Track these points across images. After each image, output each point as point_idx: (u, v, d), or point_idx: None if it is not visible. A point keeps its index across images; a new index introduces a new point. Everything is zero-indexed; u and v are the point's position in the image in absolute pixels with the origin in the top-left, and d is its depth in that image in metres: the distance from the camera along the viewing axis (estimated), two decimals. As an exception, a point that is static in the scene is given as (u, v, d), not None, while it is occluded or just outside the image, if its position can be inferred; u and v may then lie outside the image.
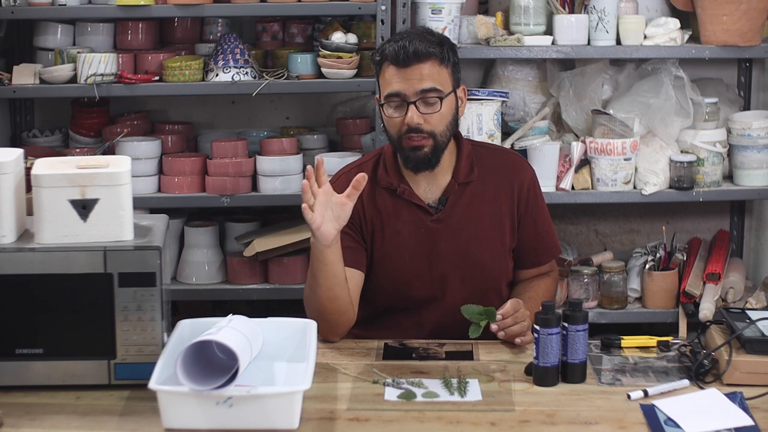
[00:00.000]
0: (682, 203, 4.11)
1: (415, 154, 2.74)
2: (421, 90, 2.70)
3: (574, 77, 3.83)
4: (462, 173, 2.82)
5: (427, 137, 2.72)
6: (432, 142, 2.73)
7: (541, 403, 2.31)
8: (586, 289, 3.83)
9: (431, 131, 2.72)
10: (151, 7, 3.66)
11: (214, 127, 4.17)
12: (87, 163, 2.36)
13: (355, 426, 2.20)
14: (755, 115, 3.88)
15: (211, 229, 3.86)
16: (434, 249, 2.80)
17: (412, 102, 2.70)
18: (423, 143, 2.72)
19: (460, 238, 2.80)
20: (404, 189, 2.81)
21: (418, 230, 2.81)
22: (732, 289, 3.79)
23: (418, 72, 2.70)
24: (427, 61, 2.70)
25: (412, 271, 2.81)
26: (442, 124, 2.73)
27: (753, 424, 2.20)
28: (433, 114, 2.71)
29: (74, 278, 2.29)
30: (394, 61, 2.71)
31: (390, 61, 2.72)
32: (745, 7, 3.64)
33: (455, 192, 2.82)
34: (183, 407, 2.13)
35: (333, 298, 2.64)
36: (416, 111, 2.70)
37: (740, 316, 2.55)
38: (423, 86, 2.70)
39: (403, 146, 2.75)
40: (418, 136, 2.71)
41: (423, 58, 2.70)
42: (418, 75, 2.70)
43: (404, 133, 2.72)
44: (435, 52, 2.71)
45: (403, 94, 2.71)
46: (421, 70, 2.70)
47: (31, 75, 3.71)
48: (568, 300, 3.01)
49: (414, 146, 2.72)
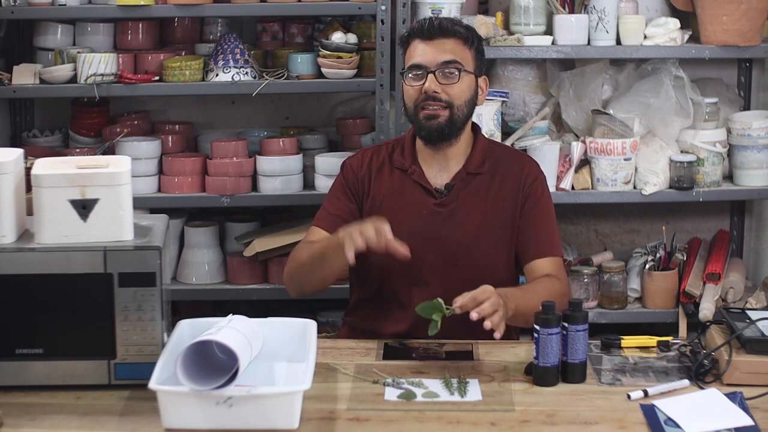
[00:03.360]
0: (682, 203, 4.11)
1: (430, 122, 2.76)
2: (442, 61, 2.75)
3: (574, 77, 3.83)
4: (473, 163, 2.84)
5: (444, 107, 2.76)
6: (448, 113, 2.76)
7: (541, 403, 2.31)
8: (586, 289, 3.83)
9: (448, 101, 2.76)
10: (151, 7, 3.66)
11: (214, 127, 4.17)
12: (87, 163, 2.37)
13: (355, 426, 2.20)
14: (755, 115, 3.89)
15: (211, 229, 3.86)
16: (434, 233, 2.81)
17: (431, 71, 2.75)
18: (439, 113, 2.75)
19: (460, 226, 2.81)
20: (415, 170, 2.85)
21: (420, 212, 2.83)
22: (732, 289, 3.79)
23: (441, 45, 2.76)
24: (452, 38, 2.78)
25: (410, 251, 2.79)
26: (460, 98, 2.77)
27: (753, 424, 2.20)
28: (452, 85, 2.76)
29: (74, 278, 2.29)
30: (420, 33, 2.78)
31: (416, 35, 2.79)
32: (745, 7, 3.64)
33: (463, 180, 2.84)
34: (183, 407, 2.13)
35: (323, 281, 2.78)
36: (434, 80, 2.75)
37: (740, 316, 2.55)
38: (444, 58, 2.75)
39: (419, 116, 2.78)
40: (435, 104, 2.75)
41: (448, 33, 2.77)
42: (441, 48, 2.76)
43: (421, 101, 2.76)
44: (460, 31, 2.79)
45: (424, 65, 2.76)
46: (444, 44, 2.77)
47: (31, 75, 3.72)
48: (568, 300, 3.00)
49: (429, 114, 2.76)
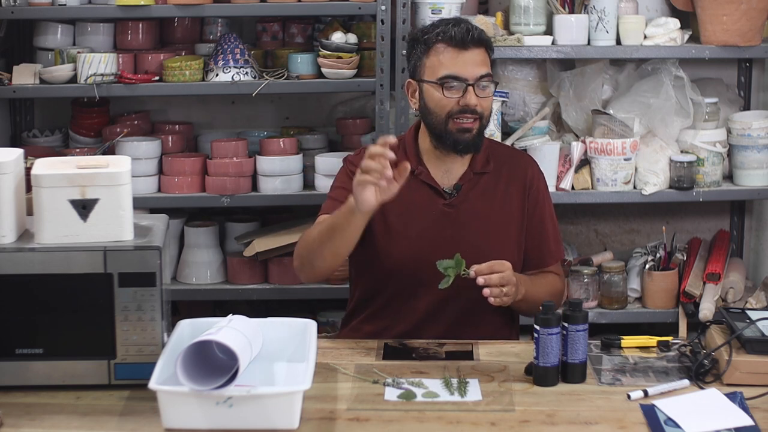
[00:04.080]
0: (682, 203, 4.11)
1: (464, 136, 2.76)
2: (480, 75, 2.75)
3: (574, 77, 3.83)
4: (479, 163, 2.85)
5: (477, 119, 2.76)
6: (479, 124, 2.77)
7: (541, 403, 2.31)
8: (586, 289, 3.83)
9: (481, 113, 2.77)
10: (151, 7, 3.66)
11: (214, 127, 4.17)
12: (87, 163, 2.36)
13: (355, 426, 2.20)
14: (755, 115, 3.89)
15: (211, 229, 3.86)
16: (443, 233, 2.81)
17: (471, 84, 2.74)
18: (472, 126, 2.76)
19: (470, 226, 2.81)
20: (422, 171, 2.84)
21: (429, 212, 2.82)
22: (732, 289, 3.79)
23: (475, 56, 2.76)
24: (482, 47, 2.78)
25: (418, 251, 2.80)
26: (489, 109, 2.80)
27: (753, 424, 2.20)
28: (486, 98, 2.77)
29: (74, 278, 2.29)
30: (454, 41, 2.75)
31: (447, 41, 2.76)
32: (745, 7, 3.64)
33: (470, 180, 2.84)
34: (183, 407, 2.13)
35: (335, 256, 2.70)
36: (474, 94, 2.74)
37: (740, 316, 2.55)
38: (482, 71, 2.75)
39: (449, 128, 2.76)
40: (470, 117, 2.75)
41: (481, 43, 2.77)
42: (475, 59, 2.75)
43: (455, 113, 2.75)
44: (487, 41, 2.80)
45: (463, 78, 2.74)
46: (477, 55, 2.76)
47: (31, 75, 3.72)
48: (568, 300, 2.99)
49: (464, 128, 2.76)
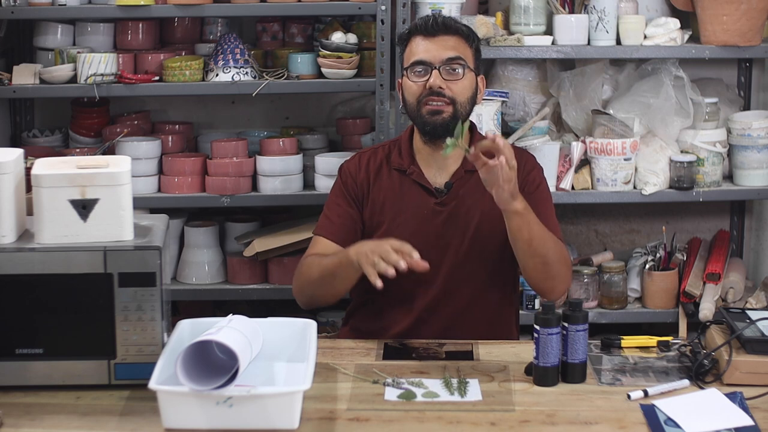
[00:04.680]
0: (682, 203, 4.11)
1: (434, 118, 2.75)
2: (447, 58, 2.75)
3: (574, 77, 3.83)
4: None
5: (448, 103, 2.74)
6: (452, 109, 2.75)
7: (541, 403, 2.31)
8: (586, 289, 3.83)
9: (452, 97, 2.75)
10: (151, 7, 3.66)
11: (214, 127, 4.17)
12: (87, 163, 2.36)
13: (355, 426, 2.20)
14: (755, 115, 3.89)
15: (211, 229, 3.86)
16: (436, 232, 2.81)
17: (436, 67, 2.74)
18: (443, 108, 2.74)
19: (462, 224, 2.81)
20: (414, 170, 2.84)
21: (421, 212, 2.82)
22: (732, 289, 3.79)
23: (444, 42, 2.76)
24: (454, 35, 2.78)
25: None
26: (463, 95, 2.77)
27: (753, 424, 2.20)
28: (456, 81, 2.75)
29: (74, 278, 2.29)
30: (423, 30, 2.77)
31: (418, 32, 2.78)
32: (745, 7, 3.64)
33: (462, 178, 2.83)
34: (183, 407, 2.13)
35: (334, 296, 2.77)
36: (439, 75, 2.74)
37: (740, 316, 2.54)
38: (448, 54, 2.75)
39: (422, 112, 2.76)
40: (439, 100, 2.74)
41: (450, 30, 2.77)
42: (444, 44, 2.76)
43: (424, 96, 2.74)
44: (462, 29, 2.79)
45: (428, 62, 2.75)
46: (447, 40, 2.76)
47: (31, 75, 3.71)
48: (568, 300, 3.00)
49: (434, 110, 2.74)
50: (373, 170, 2.87)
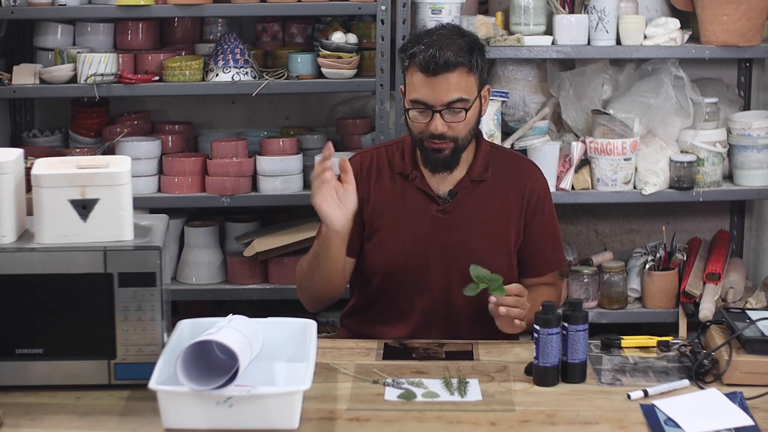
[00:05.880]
0: (682, 203, 4.11)
1: (435, 156, 2.75)
2: (448, 102, 2.69)
3: (574, 77, 3.83)
4: (476, 171, 2.83)
5: (449, 142, 2.73)
6: (453, 145, 2.74)
7: (541, 403, 2.31)
8: (586, 289, 3.83)
9: (454, 137, 2.73)
10: (151, 7, 3.66)
11: (214, 127, 4.17)
12: (87, 163, 2.36)
13: (355, 426, 2.20)
14: (755, 115, 3.89)
15: (211, 229, 3.86)
16: (437, 239, 2.81)
17: (437, 111, 2.69)
18: (444, 147, 2.73)
19: (463, 233, 2.81)
20: (416, 176, 2.83)
21: (423, 218, 2.81)
22: (732, 289, 3.79)
23: (445, 82, 2.67)
24: (456, 71, 2.68)
25: (411, 257, 2.80)
26: (465, 130, 2.74)
27: (753, 424, 2.20)
28: (458, 123, 2.71)
29: (74, 278, 2.29)
30: (423, 69, 2.68)
31: (418, 68, 2.69)
32: (745, 7, 3.64)
33: (466, 187, 2.83)
34: (183, 407, 2.14)
35: (327, 280, 2.76)
36: (441, 120, 2.70)
37: (740, 316, 2.55)
38: (450, 98, 2.68)
39: (424, 145, 2.76)
40: (441, 142, 2.72)
41: (452, 67, 2.67)
42: (445, 86, 2.67)
43: (427, 136, 2.73)
44: (464, 61, 2.68)
45: (430, 104, 2.69)
46: (448, 80, 2.67)
47: (31, 75, 3.71)
48: (568, 300, 3.00)
49: (435, 148, 2.74)
50: (374, 172, 2.86)
